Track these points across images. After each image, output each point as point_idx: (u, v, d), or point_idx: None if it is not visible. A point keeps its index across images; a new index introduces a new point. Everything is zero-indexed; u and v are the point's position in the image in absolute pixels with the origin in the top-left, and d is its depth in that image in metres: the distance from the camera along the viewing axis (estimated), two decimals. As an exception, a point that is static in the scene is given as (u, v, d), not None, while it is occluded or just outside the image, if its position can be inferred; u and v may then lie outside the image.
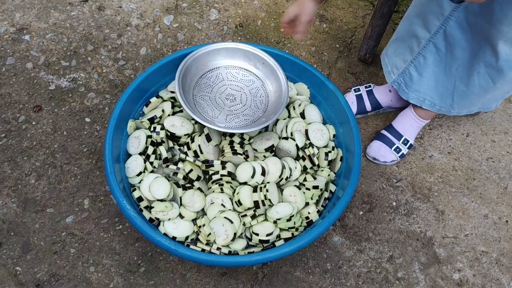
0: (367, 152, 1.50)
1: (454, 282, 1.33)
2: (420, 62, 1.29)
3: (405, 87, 1.38)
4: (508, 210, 1.45)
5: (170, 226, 1.13)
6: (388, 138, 1.50)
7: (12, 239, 1.27)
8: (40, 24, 1.66)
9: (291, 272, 1.30)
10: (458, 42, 1.17)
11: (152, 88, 1.32)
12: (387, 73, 1.42)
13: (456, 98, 1.31)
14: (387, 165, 1.50)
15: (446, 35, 1.18)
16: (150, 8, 1.75)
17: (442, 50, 1.23)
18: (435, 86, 1.32)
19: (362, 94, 1.58)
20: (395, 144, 1.48)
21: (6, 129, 1.43)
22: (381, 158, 1.48)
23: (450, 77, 1.27)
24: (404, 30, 1.31)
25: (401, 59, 1.35)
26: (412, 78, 1.34)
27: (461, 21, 1.13)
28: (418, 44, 1.26)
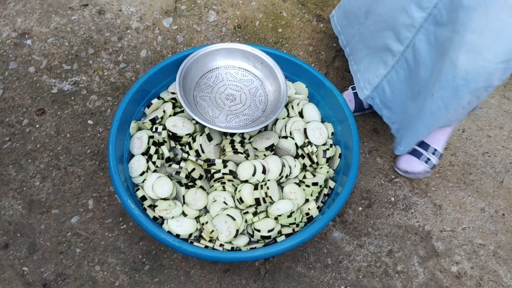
0: (398, 166, 1.49)
1: (453, 274, 1.35)
2: (393, 77, 1.27)
3: (379, 102, 1.37)
4: (504, 203, 1.48)
5: (173, 224, 1.16)
6: (416, 150, 1.48)
7: (18, 240, 1.30)
8: (42, 28, 1.68)
9: (292, 268, 1.32)
10: (424, 59, 1.14)
11: (153, 90, 1.35)
12: (359, 89, 1.39)
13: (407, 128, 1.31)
14: (419, 177, 1.50)
15: (414, 49, 1.16)
16: (150, 11, 1.78)
17: (412, 67, 1.20)
18: (403, 109, 1.30)
19: None
20: (424, 155, 1.47)
21: (10, 132, 1.46)
22: (413, 169, 1.46)
23: (413, 103, 1.24)
24: (375, 45, 1.28)
25: (374, 74, 1.32)
26: (385, 95, 1.32)
27: (430, 35, 1.10)
28: (392, 57, 1.23)
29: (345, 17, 1.45)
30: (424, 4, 1.07)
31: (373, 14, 1.25)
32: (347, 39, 1.45)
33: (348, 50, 1.45)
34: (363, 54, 1.36)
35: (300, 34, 1.81)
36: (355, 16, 1.36)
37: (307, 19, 1.85)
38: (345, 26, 1.45)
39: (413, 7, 1.09)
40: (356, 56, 1.41)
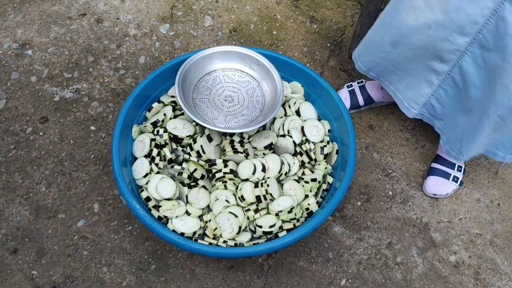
0: (426, 190, 1.49)
1: (451, 264, 1.39)
2: (441, 95, 1.27)
3: (429, 115, 1.37)
4: (499, 193, 1.52)
5: (178, 223, 1.19)
6: (442, 171, 1.49)
7: (26, 245, 1.33)
8: (42, 39, 1.72)
9: (295, 263, 1.36)
10: (473, 80, 1.15)
11: (153, 94, 1.39)
12: (405, 108, 1.38)
13: (464, 142, 1.29)
14: (447, 197, 1.50)
15: (462, 70, 1.16)
16: (147, 18, 1.82)
17: (460, 87, 1.20)
18: (453, 122, 1.30)
19: (355, 89, 1.64)
20: (451, 174, 1.48)
21: (15, 140, 1.49)
22: (442, 192, 1.48)
23: (465, 117, 1.25)
24: (413, 68, 1.27)
25: (417, 93, 1.32)
26: (435, 109, 1.33)
27: (477, 58, 1.10)
28: (437, 76, 1.23)
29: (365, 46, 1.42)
30: (467, 31, 1.06)
31: (405, 44, 1.22)
32: (368, 66, 1.42)
33: (374, 74, 1.42)
34: (399, 76, 1.34)
35: (294, 35, 1.85)
36: (377, 45, 1.33)
37: (300, 21, 1.89)
38: (363, 52, 1.42)
39: (455, 36, 1.09)
40: (389, 78, 1.39)
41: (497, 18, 1.00)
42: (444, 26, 1.08)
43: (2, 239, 1.33)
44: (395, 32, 1.22)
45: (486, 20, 1.02)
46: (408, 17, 1.17)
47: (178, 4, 1.88)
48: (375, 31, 1.34)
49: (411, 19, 1.16)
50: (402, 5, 1.18)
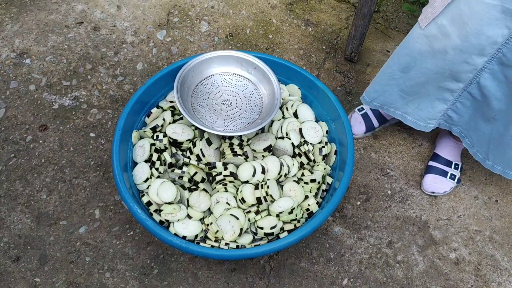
0: (424, 188, 1.51)
1: (451, 261, 1.40)
2: (458, 107, 1.28)
3: (445, 123, 1.37)
4: (496, 190, 1.53)
5: (179, 226, 1.20)
6: (439, 169, 1.51)
7: (29, 252, 1.34)
8: (39, 47, 1.73)
9: (296, 263, 1.37)
10: (493, 94, 1.15)
11: (152, 100, 1.40)
12: (421, 126, 1.38)
13: (492, 146, 1.29)
14: (445, 195, 1.52)
15: (480, 86, 1.17)
16: (143, 25, 1.84)
17: (479, 99, 1.21)
18: (474, 127, 1.31)
19: (367, 112, 1.62)
20: (449, 172, 1.50)
21: (15, 149, 1.50)
22: (440, 190, 1.49)
23: (488, 124, 1.25)
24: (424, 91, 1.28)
25: (431, 112, 1.32)
26: (452, 119, 1.33)
27: (496, 73, 1.11)
28: (451, 94, 1.24)
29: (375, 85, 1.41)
30: (487, 51, 1.07)
31: (418, 69, 1.23)
32: (371, 96, 1.42)
33: (377, 103, 1.42)
34: (407, 100, 1.35)
35: (290, 39, 1.87)
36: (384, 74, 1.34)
37: (296, 24, 1.91)
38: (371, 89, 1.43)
39: (474, 57, 1.10)
40: (395, 104, 1.38)
41: None
42: (462, 50, 1.09)
43: (4, 247, 1.34)
44: (406, 59, 1.23)
45: (506, 40, 1.03)
46: (420, 44, 1.18)
47: (174, 10, 1.90)
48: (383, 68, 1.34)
49: (424, 46, 1.17)
50: (412, 35, 1.20)
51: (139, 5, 1.89)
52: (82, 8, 1.86)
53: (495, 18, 1.01)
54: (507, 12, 0.99)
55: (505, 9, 0.98)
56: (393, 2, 2.02)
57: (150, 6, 1.89)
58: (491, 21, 1.01)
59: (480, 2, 1.01)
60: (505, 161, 1.29)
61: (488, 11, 1.00)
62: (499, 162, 1.31)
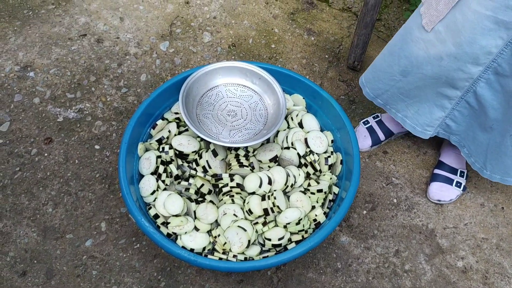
0: (430, 196, 1.50)
1: (459, 269, 1.40)
2: (456, 115, 1.29)
3: (444, 132, 1.38)
4: (502, 197, 1.53)
5: (187, 239, 1.20)
6: (445, 176, 1.50)
7: (35, 266, 1.33)
8: (43, 60, 1.74)
9: (304, 274, 1.36)
10: (490, 103, 1.16)
11: (157, 111, 1.40)
12: (419, 133, 1.39)
13: (489, 156, 1.29)
14: (451, 203, 1.51)
15: (476, 95, 1.17)
16: (146, 36, 1.84)
17: (476, 108, 1.22)
18: (472, 136, 1.31)
19: (373, 125, 1.61)
20: (454, 180, 1.49)
21: (20, 162, 1.50)
22: (446, 198, 1.49)
23: (485, 133, 1.26)
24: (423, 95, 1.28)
25: (429, 118, 1.33)
26: (450, 127, 1.34)
27: (492, 83, 1.12)
28: (449, 101, 1.25)
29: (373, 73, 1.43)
30: (481, 61, 1.07)
31: (415, 74, 1.24)
32: (376, 92, 1.44)
33: (381, 101, 1.44)
34: (407, 103, 1.36)
35: (292, 48, 1.87)
36: (385, 73, 1.35)
37: (298, 34, 1.92)
38: (371, 79, 1.44)
39: (469, 66, 1.10)
40: (397, 105, 1.40)
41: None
42: (457, 58, 1.10)
43: (11, 262, 1.33)
44: (405, 62, 1.24)
45: (501, 50, 1.03)
46: (418, 48, 1.18)
47: (177, 21, 1.90)
48: (384, 59, 1.35)
49: (421, 51, 1.18)
50: (411, 37, 1.20)
51: (141, 17, 1.90)
52: (85, 20, 1.87)
53: (488, 29, 1.01)
54: (500, 23, 0.99)
55: (498, 20, 0.99)
56: (394, 10, 2.03)
57: (152, 18, 1.90)
58: (484, 31, 1.02)
59: (474, 12, 1.01)
60: (503, 169, 1.30)
61: (481, 21, 1.01)
62: (497, 171, 1.32)
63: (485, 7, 0.99)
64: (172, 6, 1.96)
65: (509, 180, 1.31)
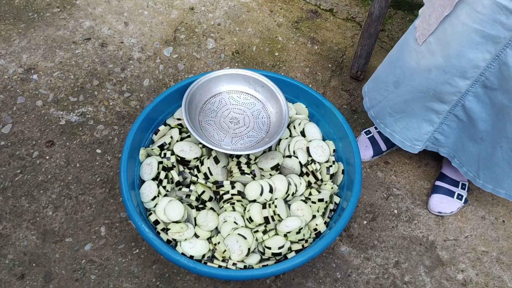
0: (431, 208, 1.49)
1: (459, 282, 1.39)
2: (444, 129, 1.29)
3: (432, 145, 1.38)
4: (503, 210, 1.53)
5: (187, 245, 1.20)
6: (446, 188, 1.50)
7: (34, 270, 1.33)
8: (47, 63, 1.74)
9: (303, 283, 1.35)
10: (479, 115, 1.16)
11: (159, 117, 1.40)
12: (408, 147, 1.39)
13: (481, 165, 1.29)
14: (451, 215, 1.50)
15: (465, 108, 1.17)
16: (150, 41, 1.85)
17: (465, 121, 1.22)
18: (462, 147, 1.31)
19: (374, 135, 1.61)
20: (456, 192, 1.49)
21: (21, 165, 1.50)
22: (447, 210, 1.48)
23: (475, 144, 1.26)
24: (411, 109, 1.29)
25: (418, 132, 1.33)
26: (439, 141, 1.35)
27: (481, 96, 1.12)
28: (437, 115, 1.25)
29: (373, 82, 1.44)
30: (469, 75, 1.08)
31: (405, 85, 1.24)
32: (371, 103, 1.44)
33: (373, 113, 1.44)
34: (395, 118, 1.36)
35: (296, 56, 1.88)
36: (382, 82, 1.36)
37: (302, 42, 1.92)
38: (371, 89, 1.45)
39: (457, 79, 1.10)
40: (385, 120, 1.40)
41: (500, 62, 1.01)
42: (445, 70, 1.10)
43: (9, 265, 1.33)
44: (399, 72, 1.25)
45: (488, 64, 1.03)
46: (410, 59, 1.19)
47: (181, 27, 1.91)
48: (383, 68, 1.36)
49: (413, 62, 1.18)
50: (406, 47, 1.21)
51: (146, 22, 1.91)
52: (90, 24, 1.87)
53: (475, 42, 1.01)
54: (487, 37, 0.99)
55: (485, 34, 0.99)
56: (398, 21, 2.04)
57: (157, 23, 1.91)
58: (472, 44, 1.02)
59: (462, 24, 1.02)
60: (495, 179, 1.29)
61: (469, 34, 1.01)
62: (489, 181, 1.31)
63: (473, 20, 0.99)
64: (176, 12, 1.96)
65: (501, 192, 1.31)
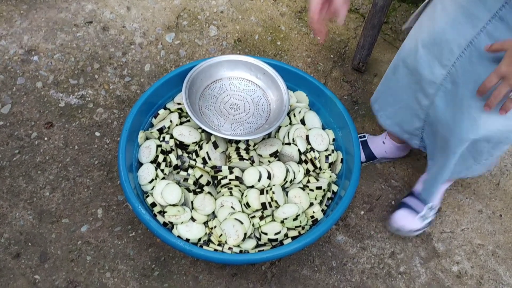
0: (390, 224, 1.41)
1: (454, 274, 1.39)
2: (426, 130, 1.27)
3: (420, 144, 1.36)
4: (501, 204, 1.53)
5: (183, 228, 1.19)
6: (412, 207, 1.40)
7: (29, 249, 1.33)
8: (48, 45, 1.73)
9: (298, 271, 1.36)
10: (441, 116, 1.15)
11: (159, 101, 1.40)
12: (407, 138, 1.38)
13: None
14: (410, 235, 1.42)
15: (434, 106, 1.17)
16: (152, 27, 1.84)
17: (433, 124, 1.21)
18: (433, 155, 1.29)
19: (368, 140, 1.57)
20: (421, 212, 1.39)
21: (20, 145, 1.50)
22: (407, 227, 1.38)
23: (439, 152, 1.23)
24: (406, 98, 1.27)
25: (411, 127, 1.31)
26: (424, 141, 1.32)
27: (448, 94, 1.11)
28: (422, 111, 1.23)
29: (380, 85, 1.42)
30: (444, 61, 1.07)
31: (401, 69, 1.23)
32: (377, 95, 1.41)
33: (377, 105, 1.41)
34: (395, 109, 1.33)
35: (298, 46, 1.87)
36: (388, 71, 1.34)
37: (304, 32, 1.91)
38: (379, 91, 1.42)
39: (436, 64, 1.09)
40: (386, 112, 1.37)
41: (471, 49, 1.00)
42: (429, 49, 1.10)
43: (5, 243, 1.33)
44: (400, 55, 1.24)
45: (461, 52, 1.03)
46: (409, 41, 1.19)
47: (184, 14, 1.90)
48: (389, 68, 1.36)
49: (409, 42, 1.19)
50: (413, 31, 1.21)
51: (148, 7, 1.90)
52: (92, 7, 1.86)
53: (458, 22, 1.01)
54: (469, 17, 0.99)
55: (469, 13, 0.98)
56: (402, 14, 2.03)
57: (159, 9, 1.90)
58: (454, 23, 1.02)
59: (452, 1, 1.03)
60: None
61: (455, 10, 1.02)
62: None
63: None
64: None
65: None
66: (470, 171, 1.25)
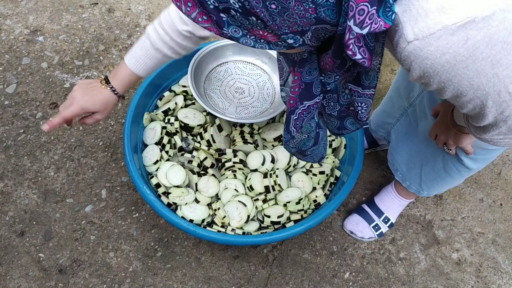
0: (344, 225, 1.42)
1: (453, 261, 1.41)
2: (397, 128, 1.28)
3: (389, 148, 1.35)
4: (502, 193, 1.54)
5: (187, 210, 1.21)
6: (368, 214, 1.40)
7: (34, 228, 1.34)
8: (53, 26, 1.73)
9: (299, 255, 1.37)
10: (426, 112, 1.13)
11: (165, 83, 1.40)
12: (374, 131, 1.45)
13: (423, 178, 1.22)
14: (363, 241, 1.41)
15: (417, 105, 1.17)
16: (158, 9, 1.83)
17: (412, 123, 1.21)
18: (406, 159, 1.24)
19: None
20: (375, 221, 1.39)
21: (25, 125, 1.50)
22: (358, 233, 1.39)
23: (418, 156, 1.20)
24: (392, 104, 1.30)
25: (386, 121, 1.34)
26: (391, 143, 1.31)
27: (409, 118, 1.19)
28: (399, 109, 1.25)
29: None
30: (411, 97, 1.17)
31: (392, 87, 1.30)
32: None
33: None
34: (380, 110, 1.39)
35: (303, 32, 1.86)
36: None
37: (310, 18, 1.91)
38: None
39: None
40: None
41: None
42: None
43: (10, 221, 1.34)
44: None
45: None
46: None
47: (189, -3, 1.89)
48: None
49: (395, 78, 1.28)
50: None
51: (154, -10, 1.89)
52: (98, -11, 1.86)
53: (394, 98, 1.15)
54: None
55: None
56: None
57: (165, -9, 1.89)
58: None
59: None
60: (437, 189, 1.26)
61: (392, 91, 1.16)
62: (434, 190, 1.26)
63: None
64: (185, -18, 1.94)
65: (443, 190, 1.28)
66: None
